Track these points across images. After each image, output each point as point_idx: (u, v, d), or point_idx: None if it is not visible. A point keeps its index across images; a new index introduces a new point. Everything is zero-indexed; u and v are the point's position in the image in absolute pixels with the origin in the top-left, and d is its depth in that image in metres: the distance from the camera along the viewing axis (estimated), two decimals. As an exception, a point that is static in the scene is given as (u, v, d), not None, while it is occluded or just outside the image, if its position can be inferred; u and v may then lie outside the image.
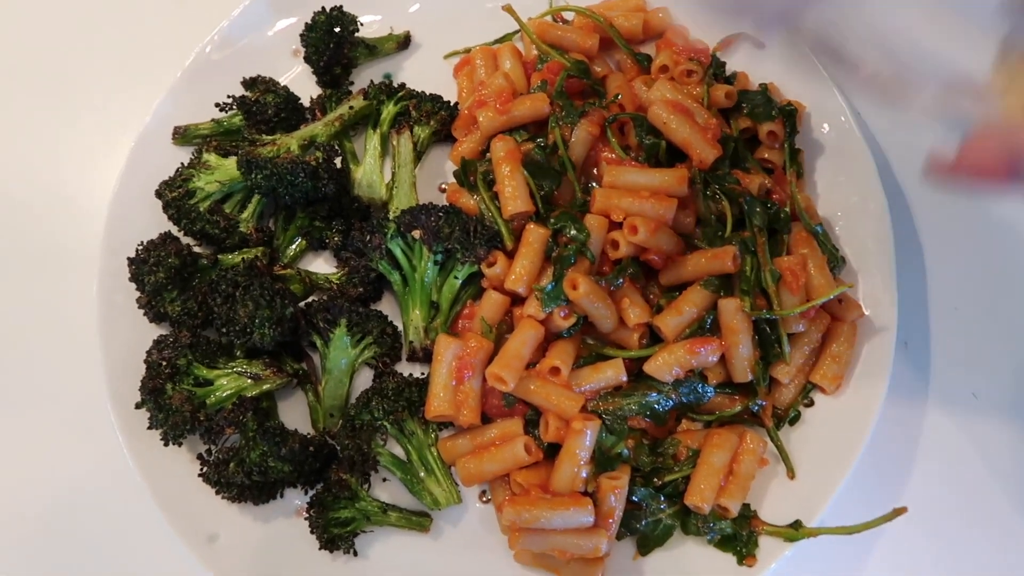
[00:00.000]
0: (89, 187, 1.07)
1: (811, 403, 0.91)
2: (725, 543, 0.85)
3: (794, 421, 0.90)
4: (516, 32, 1.06)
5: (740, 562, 0.84)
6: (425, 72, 1.07)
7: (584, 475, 0.84)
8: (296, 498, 0.90)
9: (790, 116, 0.96)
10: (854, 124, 0.95)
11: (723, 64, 1.01)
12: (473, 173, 0.95)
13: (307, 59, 1.03)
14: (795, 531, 0.84)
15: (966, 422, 0.94)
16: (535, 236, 0.89)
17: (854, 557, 0.89)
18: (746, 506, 0.86)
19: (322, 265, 1.00)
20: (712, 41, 1.02)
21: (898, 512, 0.78)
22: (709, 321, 0.88)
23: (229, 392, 0.88)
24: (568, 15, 1.05)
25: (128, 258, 0.92)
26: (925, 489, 0.91)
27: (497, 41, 1.07)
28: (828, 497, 0.84)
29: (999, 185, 0.53)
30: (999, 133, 0.52)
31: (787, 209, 0.92)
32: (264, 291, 0.86)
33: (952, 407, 0.95)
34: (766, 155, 0.97)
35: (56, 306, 1.02)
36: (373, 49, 1.06)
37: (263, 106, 0.99)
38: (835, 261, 0.91)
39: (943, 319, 0.98)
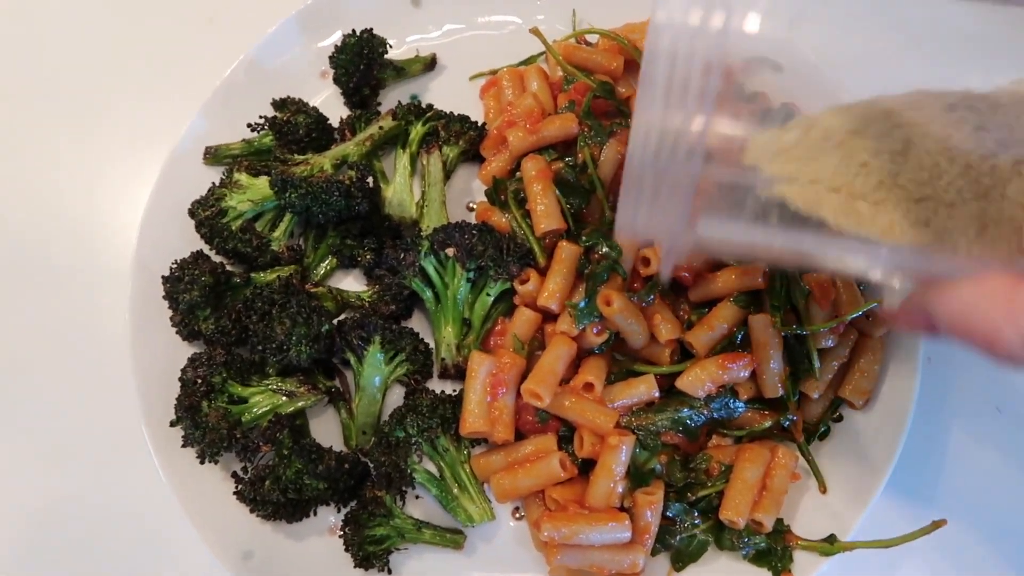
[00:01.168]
0: (119, 207, 1.07)
1: (840, 418, 0.92)
2: (760, 558, 0.86)
3: (824, 436, 0.91)
4: (540, 54, 1.08)
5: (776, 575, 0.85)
6: (451, 93, 1.08)
7: (620, 490, 0.85)
8: (329, 516, 0.90)
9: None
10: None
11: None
12: (504, 192, 0.97)
13: (336, 80, 1.05)
14: (830, 545, 0.84)
15: (991, 435, 0.95)
16: (568, 253, 0.90)
17: (887, 569, 0.90)
18: (779, 521, 0.87)
19: (352, 283, 1.00)
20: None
21: (937, 525, 0.79)
22: (740, 337, 0.89)
23: (264, 409, 0.88)
24: (592, 38, 1.08)
25: (163, 276, 0.92)
26: (955, 501, 0.91)
27: (522, 63, 1.09)
28: (861, 511, 0.85)
29: (930, 337, 0.60)
30: (919, 295, 0.58)
31: (813, 226, 0.93)
32: (301, 308, 0.87)
33: (977, 421, 0.96)
34: (789, 174, 0.98)
35: (87, 325, 1.02)
36: (400, 71, 1.08)
37: (294, 126, 1.00)
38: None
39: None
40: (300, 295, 0.89)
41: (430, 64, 1.09)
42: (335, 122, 1.05)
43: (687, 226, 0.58)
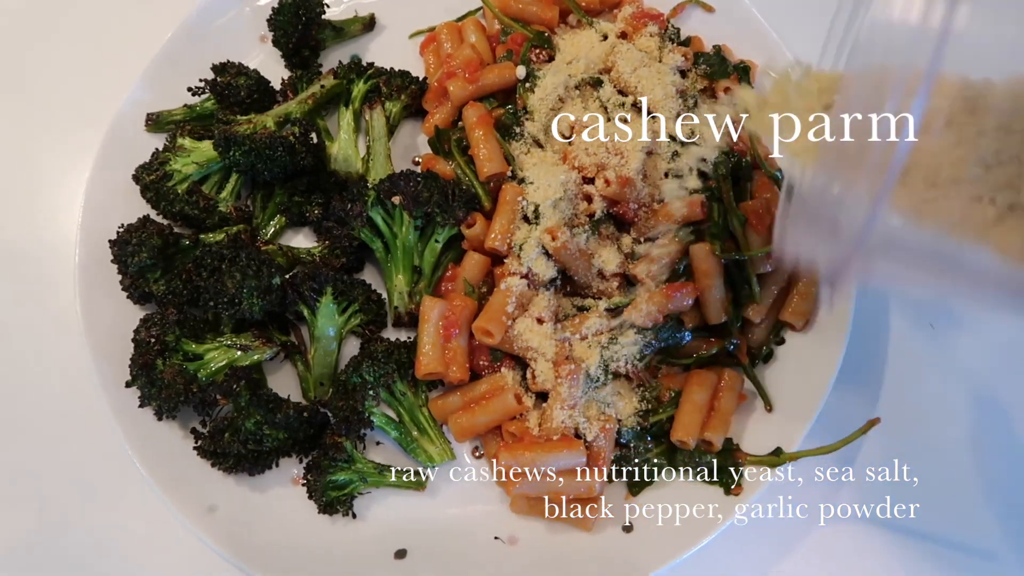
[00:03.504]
0: (63, 177, 1.07)
1: (782, 341, 0.95)
2: (711, 476, 0.89)
3: (767, 358, 0.95)
4: (478, 10, 1.10)
5: (727, 492, 0.88)
6: (391, 52, 1.10)
7: (574, 419, 0.87)
8: (292, 467, 0.91)
9: (744, 72, 1.01)
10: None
11: (678, 29, 1.07)
12: (447, 141, 0.98)
13: (275, 42, 1.06)
14: (777, 457, 0.88)
15: (925, 350, 1.00)
16: (512, 195, 0.92)
17: (833, 479, 0.94)
18: (728, 440, 0.90)
19: (302, 241, 1.01)
20: (666, 9, 1.08)
21: (872, 424, 0.83)
22: (682, 267, 0.92)
23: (220, 365, 0.89)
24: (527, -11, 1.09)
25: (110, 240, 0.92)
26: (892, 411, 0.95)
27: (460, 19, 1.10)
28: (805, 425, 0.89)
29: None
30: None
31: (748, 158, 0.97)
32: (251, 262, 0.88)
33: (912, 336, 1.00)
34: (724, 110, 1.02)
35: (37, 296, 1.01)
36: (340, 31, 1.08)
37: (235, 89, 1.00)
38: (795, 205, 0.96)
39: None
40: (249, 248, 0.90)
41: (369, 24, 1.10)
42: (276, 85, 1.06)
43: (857, 258, 0.52)
